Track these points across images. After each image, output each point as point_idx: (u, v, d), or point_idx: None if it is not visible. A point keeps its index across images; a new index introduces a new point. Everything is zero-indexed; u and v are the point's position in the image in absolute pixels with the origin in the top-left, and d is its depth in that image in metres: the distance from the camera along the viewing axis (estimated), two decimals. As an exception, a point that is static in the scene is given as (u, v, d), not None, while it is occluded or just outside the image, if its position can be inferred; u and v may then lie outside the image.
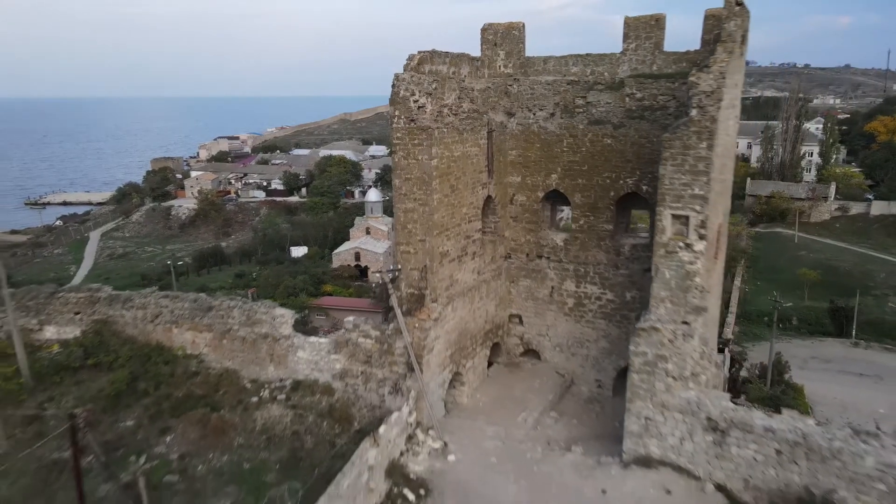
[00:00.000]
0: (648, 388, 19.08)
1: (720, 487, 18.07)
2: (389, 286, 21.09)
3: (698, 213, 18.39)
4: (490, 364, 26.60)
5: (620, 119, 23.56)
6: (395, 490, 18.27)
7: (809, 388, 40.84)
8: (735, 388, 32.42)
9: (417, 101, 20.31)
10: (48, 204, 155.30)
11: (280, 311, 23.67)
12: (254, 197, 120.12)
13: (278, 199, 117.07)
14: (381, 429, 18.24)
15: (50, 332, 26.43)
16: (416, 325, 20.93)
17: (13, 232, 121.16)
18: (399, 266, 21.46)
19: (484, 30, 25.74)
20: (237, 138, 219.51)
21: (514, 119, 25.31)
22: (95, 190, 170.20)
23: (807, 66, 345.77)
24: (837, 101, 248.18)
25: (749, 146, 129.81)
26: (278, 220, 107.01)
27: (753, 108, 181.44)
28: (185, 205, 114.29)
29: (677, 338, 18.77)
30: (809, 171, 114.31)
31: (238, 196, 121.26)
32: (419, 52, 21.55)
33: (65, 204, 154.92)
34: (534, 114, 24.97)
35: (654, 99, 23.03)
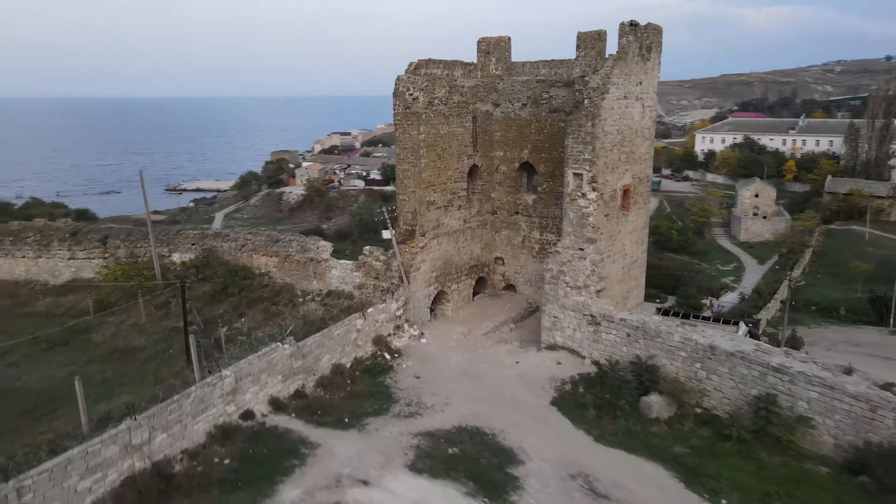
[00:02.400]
0: (554, 295, 27.27)
1: (594, 362, 25.97)
2: (389, 223, 30.54)
3: (588, 171, 26.37)
4: (478, 293, 35.38)
5: (571, 108, 31.42)
6: (378, 352, 27.63)
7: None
8: None
9: (412, 94, 29.49)
10: (184, 190, 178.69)
11: (323, 242, 33.82)
12: (354, 186, 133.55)
13: (375, 187, 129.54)
14: (370, 309, 27.67)
15: (175, 257, 38.10)
16: (407, 250, 30.21)
17: (155, 212, 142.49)
18: (397, 209, 30.81)
19: (479, 42, 34.50)
20: (349, 134, 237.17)
21: (499, 108, 33.85)
22: (224, 178, 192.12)
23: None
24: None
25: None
26: (374, 206, 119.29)
27: (863, 108, 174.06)
28: (294, 191, 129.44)
29: (574, 259, 26.84)
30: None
31: (340, 184, 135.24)
32: (418, 60, 30.80)
33: (197, 190, 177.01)
34: (512, 104, 33.39)
35: (594, 93, 30.81)
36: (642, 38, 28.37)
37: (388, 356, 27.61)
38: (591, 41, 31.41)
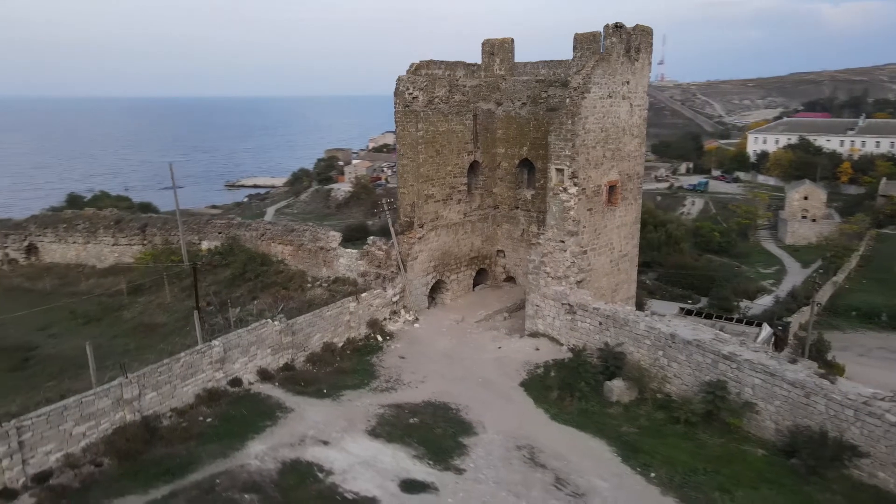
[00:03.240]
0: (536, 284, 28.64)
1: (571, 349, 27.21)
2: (388, 215, 32.52)
3: (569, 167, 27.64)
4: (480, 284, 36.97)
5: (567, 107, 32.71)
6: (372, 334, 29.63)
7: (854, 369, 44.75)
8: None
9: (412, 93, 31.35)
10: (242, 186, 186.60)
11: (333, 233, 36.12)
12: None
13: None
14: (364, 294, 29.71)
15: (204, 244, 41.18)
16: (405, 241, 32.13)
17: (212, 206, 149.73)
18: (395, 201, 32.74)
19: (483, 43, 36.04)
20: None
21: (501, 107, 35.34)
22: (280, 175, 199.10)
23: None
24: None
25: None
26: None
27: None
28: (342, 188, 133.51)
29: (555, 250, 28.15)
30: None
31: (387, 181, 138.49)
32: (419, 61, 32.66)
33: (255, 186, 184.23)
34: (513, 103, 34.80)
35: (588, 92, 31.95)
36: (630, 40, 29.41)
37: (380, 338, 29.60)
38: (587, 42, 32.40)
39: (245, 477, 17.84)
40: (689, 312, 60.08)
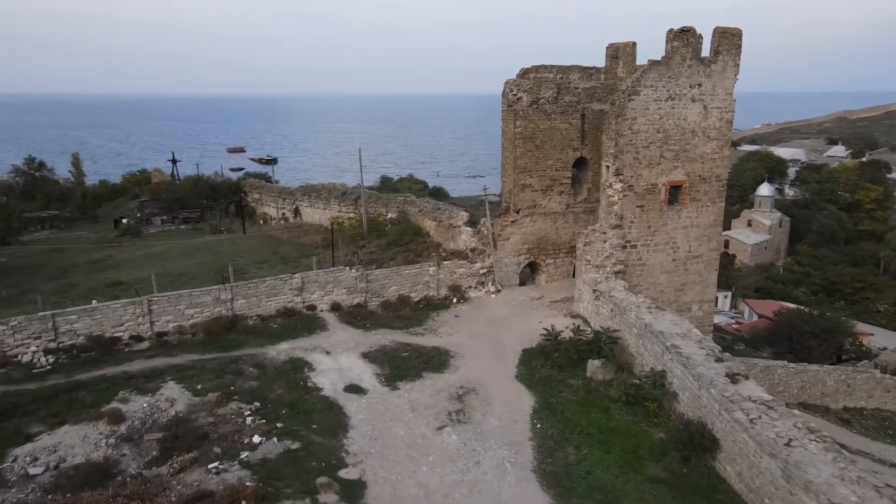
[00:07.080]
0: (580, 271, 31.13)
1: (594, 331, 29.32)
2: (487, 200, 37.55)
3: (613, 164, 29.55)
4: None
5: (663, 108, 33.55)
6: (450, 296, 35.39)
7: None
8: None
9: (516, 95, 35.81)
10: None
11: (462, 212, 42.32)
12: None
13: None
14: (447, 262, 35.54)
15: (389, 215, 50.94)
16: (499, 222, 36.91)
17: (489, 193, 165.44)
18: (487, 189, 37.50)
19: (607, 47, 38.10)
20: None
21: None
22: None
23: None
24: None
25: None
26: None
27: None
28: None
29: (596, 240, 30.36)
30: None
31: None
32: (530, 65, 36.77)
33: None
34: (625, 104, 36.56)
35: (681, 93, 32.48)
36: (707, 44, 29.57)
37: (455, 300, 35.23)
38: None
39: (260, 359, 25.89)
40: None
